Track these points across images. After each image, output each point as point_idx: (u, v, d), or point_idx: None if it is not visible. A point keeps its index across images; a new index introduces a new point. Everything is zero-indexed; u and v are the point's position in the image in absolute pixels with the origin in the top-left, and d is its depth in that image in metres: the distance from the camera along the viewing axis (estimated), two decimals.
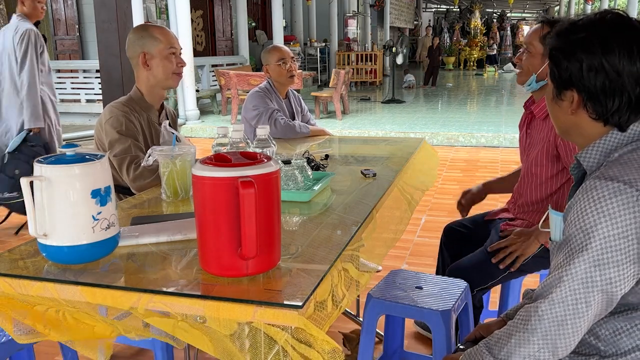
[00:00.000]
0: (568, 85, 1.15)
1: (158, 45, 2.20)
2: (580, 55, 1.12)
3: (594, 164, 1.16)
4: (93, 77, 9.54)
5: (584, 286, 1.06)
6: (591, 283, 1.05)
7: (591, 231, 1.05)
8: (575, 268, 1.06)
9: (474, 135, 7.69)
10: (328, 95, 9.64)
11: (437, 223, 4.06)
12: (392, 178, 2.11)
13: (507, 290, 2.15)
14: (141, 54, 2.18)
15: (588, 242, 1.05)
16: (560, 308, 1.06)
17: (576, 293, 1.06)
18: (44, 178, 1.23)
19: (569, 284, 1.06)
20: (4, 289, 1.24)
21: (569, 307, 1.06)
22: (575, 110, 1.17)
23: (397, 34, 22.48)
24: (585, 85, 1.12)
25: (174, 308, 1.13)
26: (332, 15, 16.18)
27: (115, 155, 2.09)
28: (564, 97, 1.18)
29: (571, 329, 1.06)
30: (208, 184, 1.16)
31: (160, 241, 1.43)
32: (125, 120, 2.13)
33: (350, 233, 1.51)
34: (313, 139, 3.07)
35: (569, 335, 1.07)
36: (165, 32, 2.24)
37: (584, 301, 1.06)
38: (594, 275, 1.05)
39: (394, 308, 1.82)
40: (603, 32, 1.11)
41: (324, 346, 1.05)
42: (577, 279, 1.06)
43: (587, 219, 1.06)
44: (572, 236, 1.09)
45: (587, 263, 1.05)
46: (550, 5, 31.91)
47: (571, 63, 1.13)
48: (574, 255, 1.07)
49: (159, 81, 2.23)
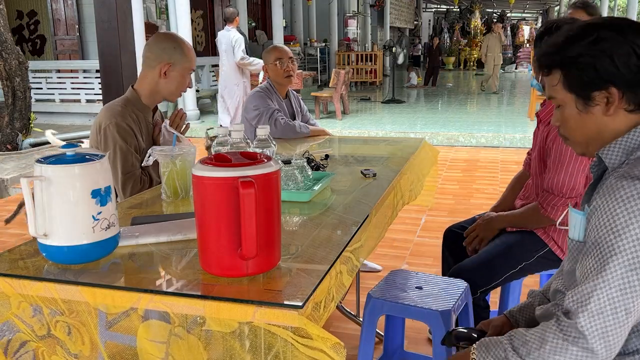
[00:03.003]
0: (600, 85, 1.13)
1: (185, 63, 2.22)
2: (606, 49, 1.10)
3: (616, 161, 1.13)
4: (93, 77, 9.54)
5: (622, 292, 1.02)
6: (629, 288, 1.02)
7: (622, 232, 1.02)
8: (611, 274, 1.03)
9: (474, 135, 7.69)
10: (328, 95, 9.64)
11: (437, 223, 4.06)
12: (392, 178, 2.11)
13: (507, 290, 2.15)
14: (166, 63, 2.18)
15: (621, 244, 1.02)
16: (600, 320, 1.03)
17: (615, 302, 1.02)
18: (44, 178, 1.23)
19: (606, 291, 1.03)
20: (4, 289, 1.24)
21: (608, 318, 1.02)
22: (611, 109, 1.14)
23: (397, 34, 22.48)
24: (622, 74, 1.10)
25: (174, 308, 1.13)
26: (332, 15, 16.18)
27: (117, 169, 2.10)
28: (595, 101, 1.15)
29: (612, 339, 1.03)
30: (208, 184, 1.16)
31: (160, 241, 1.43)
32: (125, 126, 2.12)
33: (350, 233, 1.51)
34: (313, 139, 3.07)
35: (611, 346, 1.04)
36: (193, 53, 2.27)
37: (624, 309, 1.02)
38: (631, 279, 1.02)
39: (394, 308, 1.82)
40: (611, 25, 1.12)
41: (325, 343, 1.05)
42: (614, 286, 1.02)
43: (617, 220, 1.03)
44: (601, 239, 1.05)
45: (622, 267, 1.02)
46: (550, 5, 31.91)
47: (600, 60, 1.11)
48: (607, 260, 1.03)
49: (166, 92, 2.24)
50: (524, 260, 2.00)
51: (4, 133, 6.78)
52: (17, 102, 6.76)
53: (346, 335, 2.58)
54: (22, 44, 11.48)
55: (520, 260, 1.99)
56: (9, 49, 6.58)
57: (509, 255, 2.00)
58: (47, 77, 9.94)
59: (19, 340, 1.27)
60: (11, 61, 6.60)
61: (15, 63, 6.63)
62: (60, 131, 8.46)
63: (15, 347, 1.28)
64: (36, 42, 11.77)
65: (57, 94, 9.97)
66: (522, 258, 2.00)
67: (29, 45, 11.74)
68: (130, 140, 2.13)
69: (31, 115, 7.06)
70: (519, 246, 2.01)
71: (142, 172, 2.17)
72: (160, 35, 2.26)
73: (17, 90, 6.72)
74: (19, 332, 1.27)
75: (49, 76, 9.95)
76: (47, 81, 9.95)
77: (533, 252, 2.00)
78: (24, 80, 6.79)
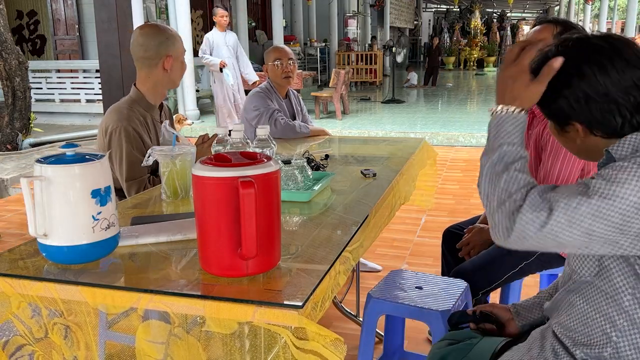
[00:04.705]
0: (567, 120, 1.13)
1: (180, 47, 2.22)
2: (563, 92, 1.10)
3: (627, 154, 1.10)
4: (93, 77, 9.53)
5: (595, 218, 0.98)
6: (605, 221, 0.98)
7: (616, 185, 0.98)
8: (576, 205, 0.99)
9: (474, 135, 7.68)
10: (328, 95, 9.64)
11: (437, 223, 4.06)
12: (391, 178, 2.11)
13: (507, 290, 2.15)
14: (166, 57, 2.18)
15: (607, 194, 0.98)
16: (567, 216, 0.99)
17: (587, 218, 0.99)
18: (44, 178, 1.23)
19: (586, 207, 0.99)
20: (4, 289, 1.24)
21: (575, 221, 0.99)
22: (585, 137, 1.14)
23: (397, 34, 22.48)
24: (582, 115, 1.10)
25: (173, 308, 1.13)
26: (332, 15, 16.18)
27: (122, 174, 2.10)
28: (568, 129, 1.15)
29: (560, 236, 1.00)
30: (208, 184, 1.16)
31: (160, 241, 1.43)
32: (131, 130, 2.12)
33: (350, 233, 1.51)
34: (313, 139, 3.07)
35: (551, 238, 1.01)
36: (178, 33, 2.26)
37: (587, 228, 0.99)
38: (592, 225, 0.99)
39: (394, 308, 1.82)
40: (571, 61, 1.09)
41: (325, 340, 1.05)
42: (569, 212, 0.99)
43: (620, 174, 0.99)
44: (593, 181, 1.02)
45: (589, 208, 0.98)
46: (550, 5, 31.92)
47: (558, 102, 1.11)
48: (583, 194, 0.99)
49: (172, 81, 2.24)
50: (524, 260, 2.00)
51: (4, 133, 6.78)
52: (17, 102, 6.76)
53: (346, 335, 2.58)
54: (22, 44, 11.49)
55: (521, 260, 1.99)
56: (9, 49, 6.58)
57: (508, 256, 2.00)
58: (47, 77, 9.93)
59: (15, 343, 1.27)
60: (11, 61, 6.60)
61: (15, 63, 6.63)
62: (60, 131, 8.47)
63: (11, 350, 1.28)
64: (36, 42, 11.78)
65: (57, 94, 9.96)
66: (522, 258, 2.00)
67: (29, 45, 11.75)
68: (136, 145, 2.12)
69: (31, 115, 7.06)
70: None
71: (149, 178, 2.16)
72: (146, 33, 2.20)
73: (17, 90, 6.72)
74: (17, 335, 1.27)
75: (49, 76, 9.95)
76: (47, 81, 9.94)
77: (532, 251, 2.00)
78: (24, 80, 6.79)
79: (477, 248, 2.13)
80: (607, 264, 1.10)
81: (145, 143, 2.15)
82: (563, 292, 1.22)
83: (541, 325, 1.29)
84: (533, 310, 1.42)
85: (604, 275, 1.11)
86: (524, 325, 1.42)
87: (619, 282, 1.09)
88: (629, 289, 1.08)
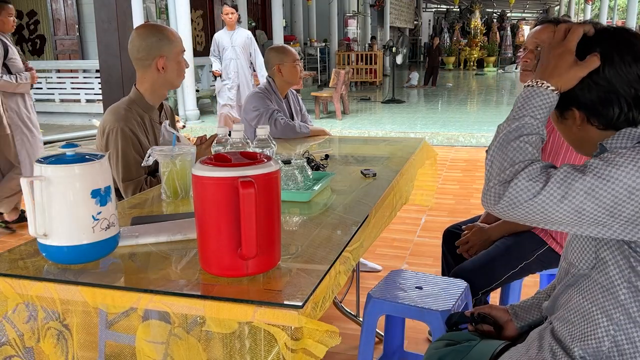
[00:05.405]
0: (567, 105, 1.15)
1: (175, 47, 2.20)
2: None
3: (622, 147, 1.11)
4: (93, 77, 9.54)
5: (587, 196, 0.99)
6: (598, 201, 0.98)
7: (612, 166, 0.99)
8: (571, 180, 1.00)
9: (474, 135, 7.69)
10: (328, 95, 9.64)
11: (437, 223, 4.06)
12: (391, 178, 2.11)
13: (507, 290, 2.15)
14: (158, 58, 2.16)
15: (602, 174, 0.99)
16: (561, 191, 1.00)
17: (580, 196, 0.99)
18: (44, 178, 1.23)
19: (581, 184, 0.99)
20: (4, 289, 1.24)
21: (567, 197, 1.00)
22: (581, 126, 1.16)
23: (397, 34, 22.49)
24: (582, 102, 1.12)
25: (173, 308, 1.13)
26: (332, 15, 16.18)
27: (118, 174, 2.10)
28: (567, 116, 1.17)
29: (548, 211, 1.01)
30: (208, 184, 1.16)
31: (160, 241, 1.43)
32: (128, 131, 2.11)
33: (350, 233, 1.51)
34: (313, 139, 3.07)
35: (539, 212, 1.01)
36: (176, 33, 2.24)
37: (577, 206, 1.00)
38: (583, 203, 0.99)
39: (394, 308, 1.82)
40: (582, 48, 1.11)
41: (318, 334, 1.05)
42: (563, 187, 1.00)
43: (617, 157, 1.00)
44: (591, 160, 1.02)
45: (583, 185, 0.99)
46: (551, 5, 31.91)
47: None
48: (580, 171, 1.00)
49: (168, 82, 2.22)
50: (524, 260, 2.00)
51: None
52: None
53: (346, 335, 2.58)
54: (22, 43, 11.50)
55: (520, 260, 2.00)
56: None
57: (508, 256, 2.00)
58: (47, 77, 9.93)
59: (4, 354, 1.27)
60: None
61: None
62: (60, 131, 8.47)
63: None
64: (36, 42, 11.78)
65: (57, 93, 9.97)
66: (522, 258, 2.00)
67: (29, 45, 11.76)
68: (133, 145, 2.11)
69: None
70: (518, 246, 2.02)
71: (146, 179, 2.16)
72: (140, 33, 2.20)
73: None
74: (6, 345, 1.27)
75: (48, 76, 9.95)
76: (47, 81, 9.95)
77: (532, 251, 2.00)
78: None
79: (476, 247, 2.13)
80: (604, 256, 1.10)
81: (142, 144, 2.14)
82: (562, 287, 1.22)
83: (539, 326, 1.30)
84: (531, 310, 1.42)
85: (600, 267, 1.11)
86: (523, 326, 1.42)
87: (615, 275, 1.09)
88: (625, 282, 1.08)
